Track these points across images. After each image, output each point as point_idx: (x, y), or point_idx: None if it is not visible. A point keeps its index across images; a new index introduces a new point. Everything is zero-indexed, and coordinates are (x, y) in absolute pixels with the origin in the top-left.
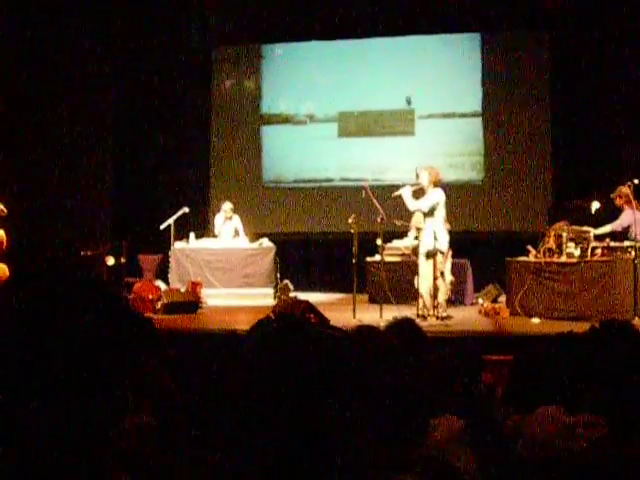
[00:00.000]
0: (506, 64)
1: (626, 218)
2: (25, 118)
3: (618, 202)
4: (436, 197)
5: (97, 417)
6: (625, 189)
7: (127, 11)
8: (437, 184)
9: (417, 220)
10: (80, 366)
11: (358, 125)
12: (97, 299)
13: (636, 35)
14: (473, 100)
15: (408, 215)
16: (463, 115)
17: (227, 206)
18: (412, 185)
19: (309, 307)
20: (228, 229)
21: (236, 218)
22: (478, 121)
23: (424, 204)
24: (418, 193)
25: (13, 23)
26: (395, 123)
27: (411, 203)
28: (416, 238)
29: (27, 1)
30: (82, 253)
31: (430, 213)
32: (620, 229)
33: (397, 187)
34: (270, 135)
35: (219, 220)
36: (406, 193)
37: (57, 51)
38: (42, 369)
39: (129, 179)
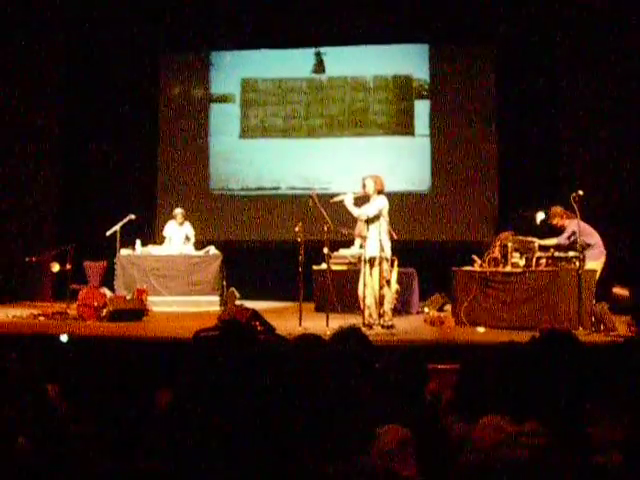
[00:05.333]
0: (454, 76)
1: (572, 235)
2: None
3: (558, 222)
4: (381, 203)
5: None
6: (555, 209)
7: (75, 18)
8: (382, 192)
9: (362, 228)
10: None
11: (306, 131)
12: None
13: (580, 50)
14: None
15: (354, 224)
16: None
17: (179, 211)
18: (354, 192)
19: (255, 315)
20: (179, 235)
21: (187, 225)
22: (426, 130)
23: (370, 210)
24: (359, 201)
25: None
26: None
27: (355, 210)
28: (361, 247)
29: None
30: (27, 259)
31: (374, 220)
32: (566, 242)
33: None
34: (218, 142)
35: (170, 226)
36: (348, 200)
37: (2, 56)
38: None
39: (75, 185)
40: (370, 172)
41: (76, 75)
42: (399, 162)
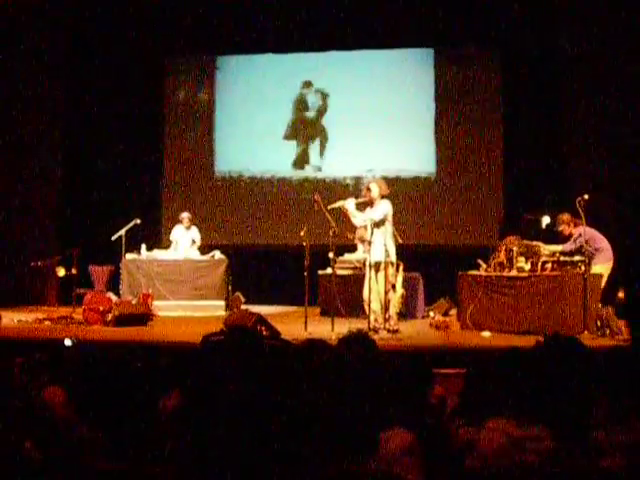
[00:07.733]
0: (459, 80)
1: (577, 239)
2: None
3: (565, 230)
4: (386, 208)
5: None
6: (562, 216)
7: (81, 19)
8: (385, 196)
9: (362, 233)
10: None
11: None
12: None
13: (585, 53)
14: (426, 115)
15: (354, 228)
16: (415, 128)
17: (185, 215)
18: (355, 199)
19: (260, 319)
20: (185, 239)
21: (194, 229)
22: (430, 135)
23: (376, 215)
24: (361, 207)
25: None
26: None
27: (358, 216)
28: (364, 251)
29: None
30: (32, 264)
31: (379, 225)
32: (572, 249)
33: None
34: (224, 146)
35: (177, 230)
36: (350, 206)
37: (5, 57)
38: None
39: (81, 189)
40: (374, 177)
41: (81, 79)
42: (403, 164)
